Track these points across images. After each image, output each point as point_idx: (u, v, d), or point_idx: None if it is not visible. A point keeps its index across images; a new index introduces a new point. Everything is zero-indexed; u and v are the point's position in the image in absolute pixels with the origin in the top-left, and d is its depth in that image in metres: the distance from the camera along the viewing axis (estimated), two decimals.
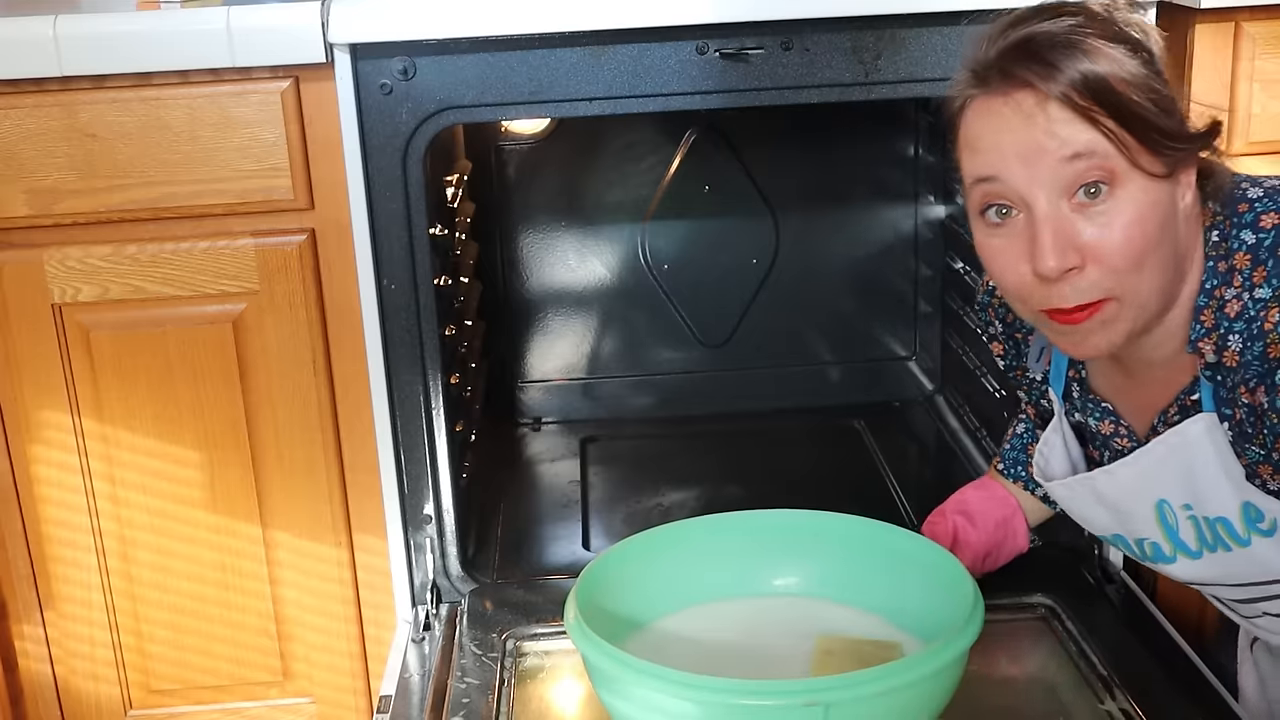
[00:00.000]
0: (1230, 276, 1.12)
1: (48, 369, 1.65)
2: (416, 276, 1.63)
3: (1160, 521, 1.28)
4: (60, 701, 1.79)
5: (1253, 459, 1.16)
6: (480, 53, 1.56)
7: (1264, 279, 1.10)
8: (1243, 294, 1.11)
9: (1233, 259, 1.12)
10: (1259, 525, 1.20)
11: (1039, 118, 1.08)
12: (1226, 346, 1.12)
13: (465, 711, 1.42)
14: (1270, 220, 1.12)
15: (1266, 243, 1.11)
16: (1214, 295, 1.14)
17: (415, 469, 1.70)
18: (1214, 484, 1.20)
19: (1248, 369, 1.10)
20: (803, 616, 1.45)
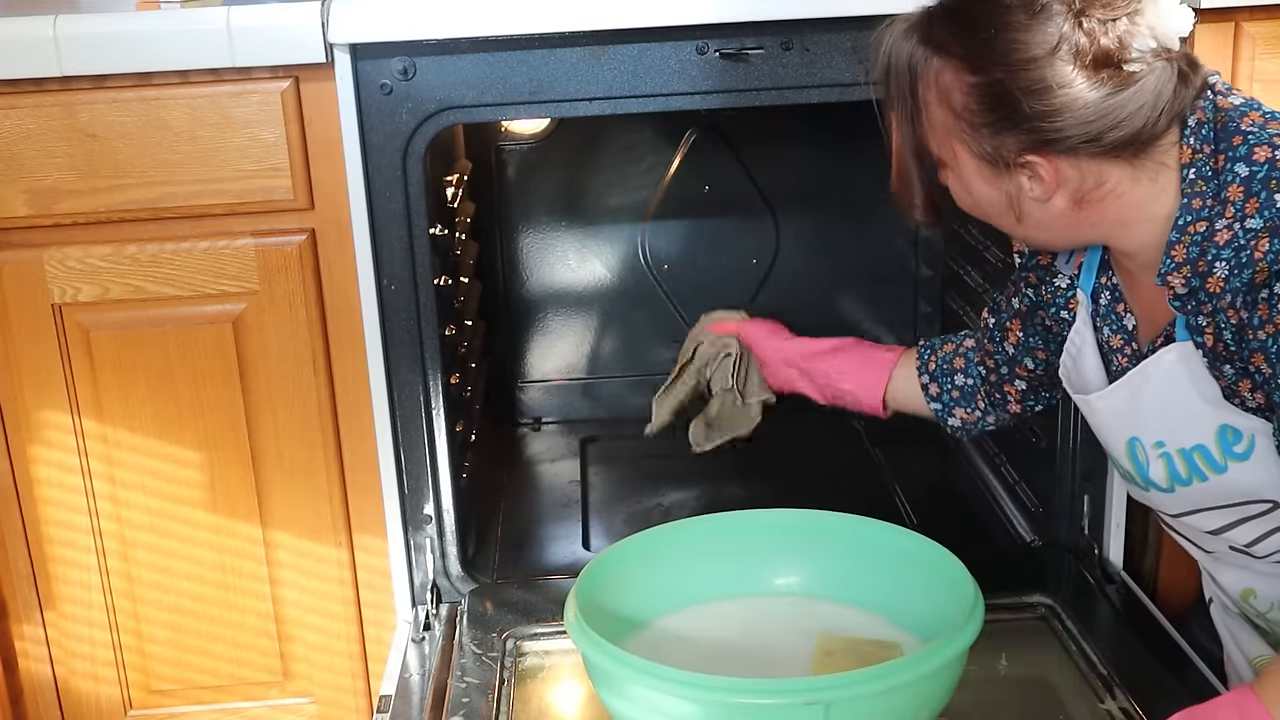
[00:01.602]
0: (1223, 209, 1.14)
1: (48, 369, 1.65)
2: (416, 276, 1.63)
3: (1131, 457, 1.31)
4: (60, 701, 1.79)
5: (1230, 379, 1.19)
6: (480, 53, 1.56)
7: (1256, 210, 1.12)
8: (1234, 224, 1.13)
9: (1226, 191, 1.15)
10: (1235, 449, 1.22)
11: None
12: (1212, 272, 1.14)
13: (465, 711, 1.42)
14: (1263, 153, 1.14)
15: (1259, 175, 1.13)
16: (1186, 231, 1.16)
17: (415, 469, 1.70)
18: (1190, 411, 1.23)
19: (1234, 294, 1.13)
20: (803, 616, 1.45)
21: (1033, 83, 1.14)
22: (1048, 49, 1.13)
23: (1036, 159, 1.17)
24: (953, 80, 1.19)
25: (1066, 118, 1.14)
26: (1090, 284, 1.35)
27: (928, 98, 1.22)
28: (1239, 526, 1.29)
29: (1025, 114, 1.15)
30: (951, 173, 1.25)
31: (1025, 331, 1.49)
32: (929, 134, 1.24)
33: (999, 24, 1.15)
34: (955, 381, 1.57)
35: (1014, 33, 1.14)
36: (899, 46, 1.23)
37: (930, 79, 1.21)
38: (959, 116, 1.19)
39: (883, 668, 1.20)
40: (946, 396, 1.57)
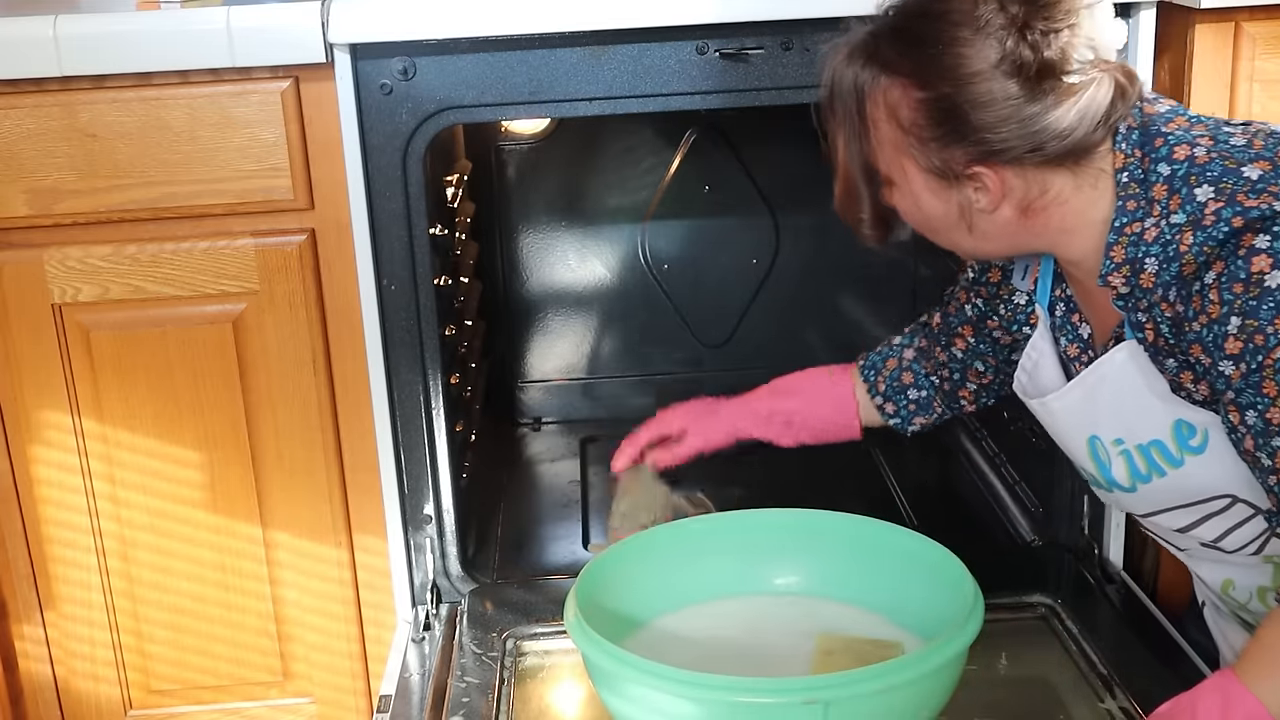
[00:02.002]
0: (1150, 207, 1.19)
1: (48, 369, 1.65)
2: (416, 276, 1.63)
3: (1093, 457, 1.35)
4: (60, 701, 1.79)
5: (1173, 371, 1.23)
6: (480, 53, 1.56)
7: (1179, 206, 1.17)
8: (1160, 221, 1.18)
9: (1151, 190, 1.19)
10: (1190, 443, 1.26)
11: None
12: (1143, 269, 1.20)
13: (465, 711, 1.42)
14: (1183, 152, 1.19)
15: (1180, 173, 1.18)
16: (1124, 232, 1.21)
17: (415, 469, 1.70)
18: (1144, 407, 1.27)
19: (1165, 288, 1.18)
20: (803, 615, 1.45)
21: (978, 96, 1.17)
22: (992, 63, 1.16)
23: (983, 170, 1.21)
24: (901, 97, 1.22)
25: (1011, 129, 1.18)
26: (1046, 297, 1.39)
27: (876, 116, 1.25)
28: (1204, 524, 1.31)
29: (972, 126, 1.18)
30: (899, 190, 1.28)
31: (976, 338, 1.54)
32: (877, 152, 1.27)
33: (945, 40, 1.18)
34: (909, 396, 1.61)
35: (960, 48, 1.17)
36: (844, 69, 1.26)
37: (878, 97, 1.24)
38: (908, 132, 1.22)
39: (882, 667, 1.19)
40: (904, 411, 1.62)
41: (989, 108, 1.17)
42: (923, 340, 1.60)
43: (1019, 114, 1.17)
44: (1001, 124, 1.17)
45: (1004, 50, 1.16)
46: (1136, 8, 1.59)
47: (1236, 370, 1.13)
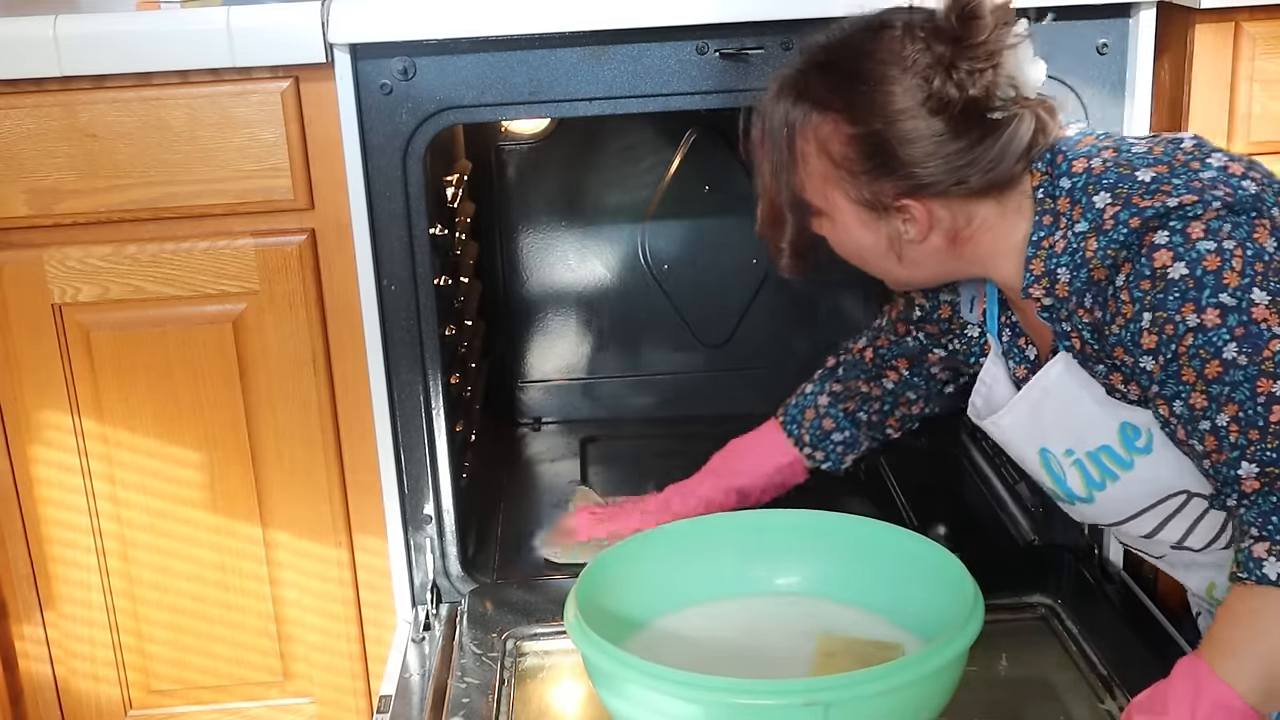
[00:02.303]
0: (1057, 220, 1.24)
1: (48, 369, 1.65)
2: (416, 276, 1.63)
3: (1047, 469, 1.39)
4: (60, 701, 1.79)
5: (1103, 376, 1.27)
6: (480, 53, 1.56)
7: (1080, 215, 1.22)
8: (1066, 232, 1.23)
9: (1057, 204, 1.25)
10: (1136, 444, 1.30)
11: None
12: (1058, 280, 1.24)
13: (465, 711, 1.42)
14: (1080, 165, 1.25)
15: (1079, 184, 1.23)
16: (1040, 245, 1.25)
17: (415, 469, 1.70)
18: (1088, 415, 1.31)
19: (1078, 294, 1.23)
20: (803, 616, 1.45)
21: (906, 132, 1.22)
22: (919, 101, 1.22)
23: (911, 202, 1.26)
24: (832, 132, 1.26)
25: (938, 164, 1.23)
26: (995, 325, 1.44)
27: (806, 150, 1.29)
28: (1168, 525, 1.34)
29: (900, 161, 1.23)
30: (830, 220, 1.33)
31: (911, 371, 1.62)
32: (806, 185, 1.31)
33: (874, 78, 1.23)
34: (834, 440, 1.67)
35: (888, 86, 1.23)
36: (775, 103, 1.30)
37: (809, 132, 1.28)
38: (838, 165, 1.27)
39: (882, 668, 1.20)
40: (834, 455, 1.67)
41: (916, 143, 1.23)
42: (836, 385, 1.66)
43: (944, 149, 1.23)
44: (928, 159, 1.23)
45: (930, 89, 1.21)
46: (1136, 8, 1.59)
47: (1156, 364, 1.17)
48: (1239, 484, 1.13)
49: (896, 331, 1.61)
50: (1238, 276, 1.13)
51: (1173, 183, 1.18)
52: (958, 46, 1.21)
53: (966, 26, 1.21)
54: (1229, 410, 1.12)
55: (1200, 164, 1.20)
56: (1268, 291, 1.13)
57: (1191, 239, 1.15)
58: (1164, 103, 1.64)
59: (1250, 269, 1.13)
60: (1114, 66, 1.61)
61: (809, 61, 1.29)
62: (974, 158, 1.23)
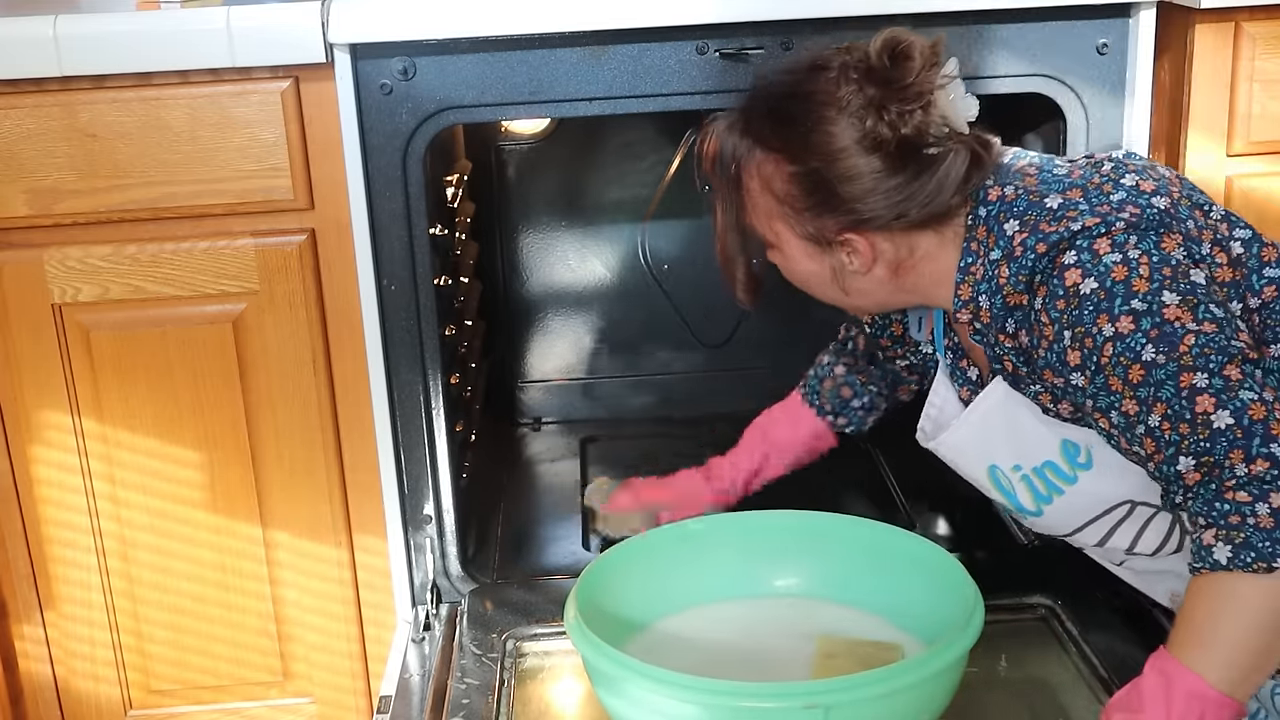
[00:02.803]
0: (977, 248, 1.29)
1: (48, 369, 1.65)
2: (416, 276, 1.63)
3: (996, 485, 1.42)
4: (60, 701, 1.79)
5: (1033, 396, 1.31)
6: (480, 53, 1.56)
7: (995, 243, 1.27)
8: (982, 260, 1.28)
9: (976, 232, 1.29)
10: (1078, 460, 1.34)
11: None
12: (980, 306, 1.28)
13: (465, 712, 1.42)
14: (995, 193, 1.29)
15: (993, 213, 1.28)
16: (968, 271, 1.30)
17: (415, 469, 1.70)
18: (1030, 432, 1.35)
19: (998, 319, 1.27)
20: (803, 617, 1.45)
21: (845, 171, 1.27)
22: (855, 140, 1.26)
23: (854, 236, 1.30)
24: (774, 170, 1.31)
25: (877, 200, 1.27)
26: (941, 345, 1.47)
27: (751, 185, 1.34)
28: (1115, 533, 1.38)
29: (840, 198, 1.28)
30: (779, 251, 1.37)
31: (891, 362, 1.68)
32: (753, 217, 1.36)
33: (812, 119, 1.27)
34: (853, 405, 1.71)
35: (826, 126, 1.27)
36: (724, 140, 1.35)
37: (753, 169, 1.33)
38: (782, 202, 1.32)
39: (883, 671, 1.20)
40: (855, 417, 1.71)
41: (855, 181, 1.27)
42: (847, 358, 1.71)
43: (882, 185, 1.27)
44: (867, 195, 1.27)
45: (864, 129, 1.26)
46: (1136, 8, 1.59)
47: (1084, 378, 1.20)
48: (1181, 479, 1.14)
49: (858, 345, 1.70)
50: (1146, 282, 1.17)
51: (1079, 207, 1.22)
52: (888, 89, 1.25)
53: (896, 68, 1.25)
54: (1158, 410, 1.15)
55: (1113, 185, 1.25)
56: (1177, 293, 1.16)
57: (1099, 254, 1.19)
58: (1164, 103, 1.64)
59: (1158, 274, 1.17)
60: (1114, 66, 1.61)
61: (754, 99, 1.35)
62: (911, 193, 1.27)
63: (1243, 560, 1.08)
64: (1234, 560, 1.08)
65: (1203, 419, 1.12)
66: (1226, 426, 1.11)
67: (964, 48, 1.58)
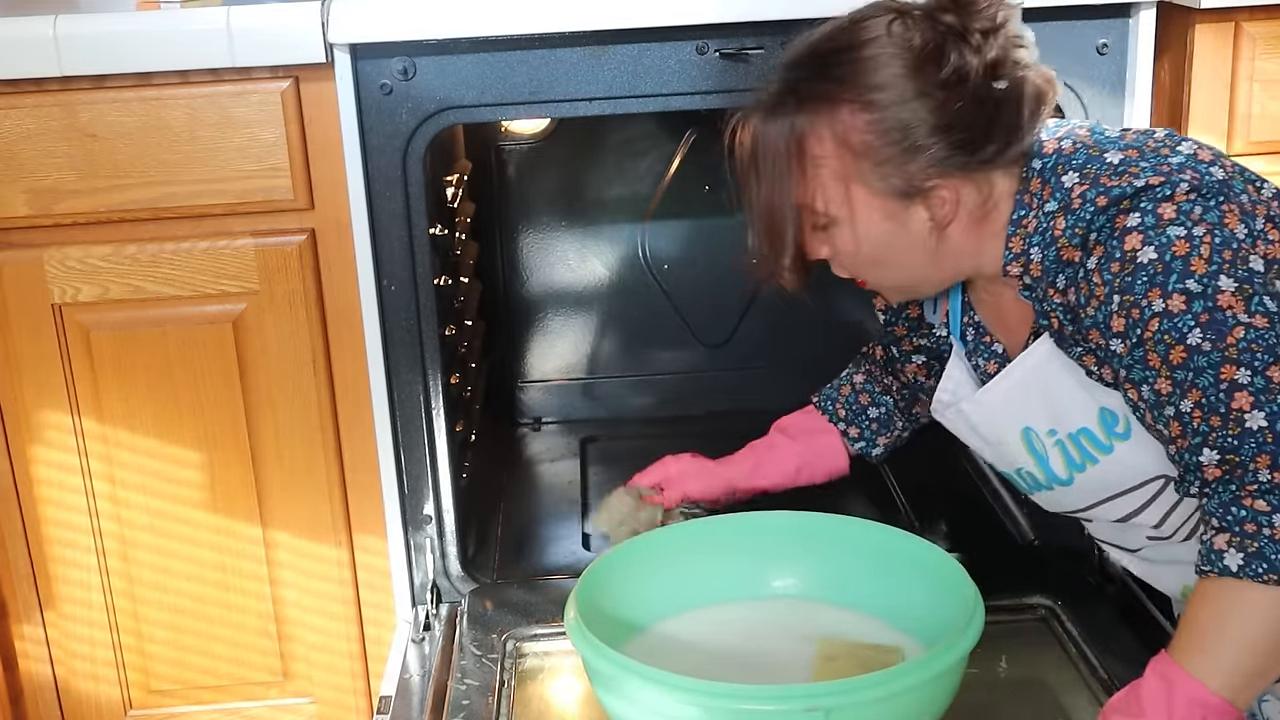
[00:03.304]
0: (1030, 201, 1.27)
1: (48, 369, 1.65)
2: (416, 276, 1.63)
3: (1030, 449, 1.38)
4: (60, 701, 1.79)
5: (1077, 358, 1.28)
6: (480, 53, 1.56)
7: (1050, 195, 1.25)
8: (1037, 212, 1.26)
9: (1030, 185, 1.27)
10: (1116, 429, 1.31)
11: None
12: (1031, 260, 1.26)
13: (465, 712, 1.42)
14: (1051, 146, 1.27)
15: (1049, 165, 1.26)
16: (1020, 224, 1.28)
17: (415, 469, 1.70)
18: (1070, 397, 1.32)
19: (1050, 273, 1.25)
20: (803, 619, 1.45)
21: (925, 107, 1.22)
22: (932, 73, 1.22)
23: (940, 182, 1.25)
24: (849, 123, 1.25)
25: (960, 135, 1.23)
26: (958, 327, 1.45)
27: (819, 151, 1.27)
28: (1145, 510, 1.35)
29: (923, 137, 1.23)
30: (845, 227, 1.30)
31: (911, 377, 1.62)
32: (817, 194, 1.29)
33: (880, 61, 1.23)
34: (869, 415, 1.67)
35: (897, 65, 1.23)
36: (768, 123, 1.28)
37: (823, 132, 1.26)
38: (861, 156, 1.25)
39: (883, 674, 1.19)
40: (868, 432, 1.67)
41: (939, 114, 1.22)
42: (869, 365, 1.68)
43: (966, 117, 1.23)
44: (950, 130, 1.23)
45: (947, 59, 1.21)
46: (1136, 8, 1.59)
47: (1124, 346, 1.18)
48: (1201, 471, 1.13)
49: (875, 358, 1.68)
50: (1205, 263, 1.14)
51: (1140, 165, 1.20)
52: (967, 13, 1.22)
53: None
54: (1192, 396, 1.13)
55: (1170, 150, 1.22)
56: (1234, 279, 1.14)
57: (1162, 221, 1.16)
58: (1164, 103, 1.64)
59: (1218, 256, 1.14)
60: (1114, 66, 1.61)
61: (798, 70, 1.29)
62: (991, 126, 1.23)
63: (1254, 570, 1.07)
64: (1245, 569, 1.07)
65: (1236, 416, 1.10)
66: (1259, 428, 1.09)
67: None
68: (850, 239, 1.31)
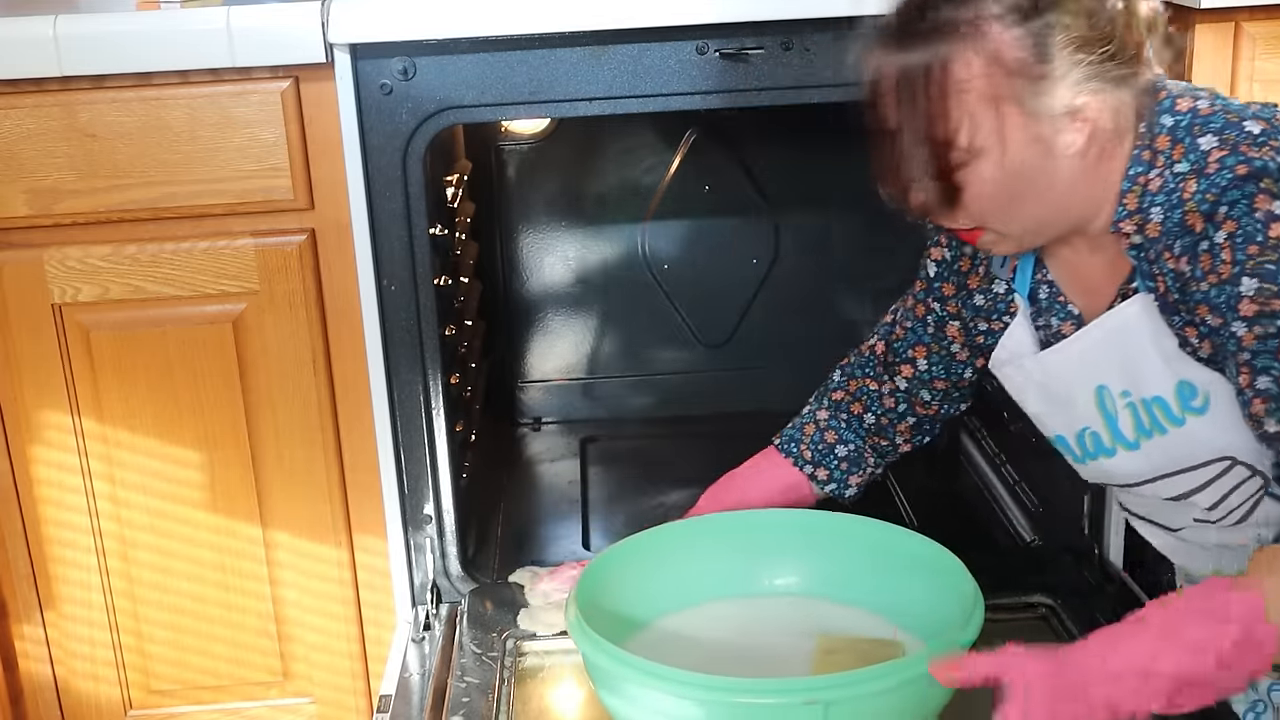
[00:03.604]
0: (1155, 158, 1.22)
1: (48, 369, 1.65)
2: (416, 276, 1.63)
3: (1100, 408, 1.34)
4: (60, 701, 1.79)
5: (1177, 327, 1.25)
6: (480, 53, 1.56)
7: (1182, 155, 1.20)
8: (1164, 171, 1.21)
9: (1155, 141, 1.22)
10: (1192, 403, 1.27)
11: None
12: (1149, 219, 1.22)
13: (465, 711, 1.42)
14: (1185, 104, 1.22)
15: (1183, 123, 1.21)
16: (1137, 180, 1.23)
17: (415, 469, 1.70)
18: (1150, 364, 1.28)
19: (1169, 235, 1.21)
20: (803, 616, 1.45)
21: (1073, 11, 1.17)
22: None
23: (1088, 100, 1.19)
24: (999, 40, 1.17)
25: (1104, 45, 1.18)
26: (1026, 285, 1.40)
27: (967, 75, 1.18)
28: (1204, 490, 1.32)
29: (1077, 48, 1.17)
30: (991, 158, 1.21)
31: (929, 359, 1.53)
32: (965, 124, 1.20)
33: None
34: (838, 454, 1.57)
35: None
36: (907, 54, 1.20)
37: (969, 56, 1.18)
38: (1015, 74, 1.17)
39: (882, 667, 1.19)
40: (838, 473, 1.57)
41: (1084, 23, 1.17)
42: (837, 393, 1.59)
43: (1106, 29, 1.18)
44: (1097, 42, 1.18)
45: None
46: None
47: (1250, 333, 1.14)
48: None
49: (915, 313, 1.53)
50: None
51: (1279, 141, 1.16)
52: None
53: None
54: None
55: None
56: None
57: None
58: None
59: None
60: None
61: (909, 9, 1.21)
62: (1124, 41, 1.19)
63: None
64: None
65: None
66: None
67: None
68: (995, 169, 1.21)
